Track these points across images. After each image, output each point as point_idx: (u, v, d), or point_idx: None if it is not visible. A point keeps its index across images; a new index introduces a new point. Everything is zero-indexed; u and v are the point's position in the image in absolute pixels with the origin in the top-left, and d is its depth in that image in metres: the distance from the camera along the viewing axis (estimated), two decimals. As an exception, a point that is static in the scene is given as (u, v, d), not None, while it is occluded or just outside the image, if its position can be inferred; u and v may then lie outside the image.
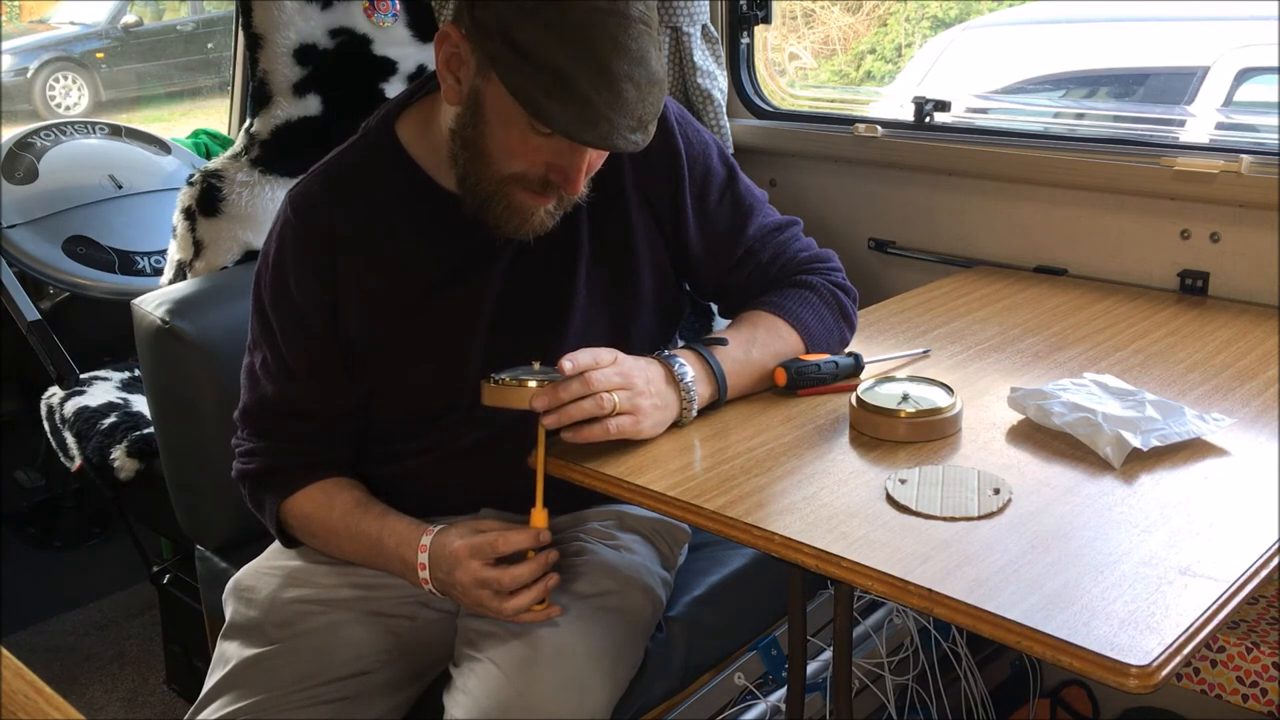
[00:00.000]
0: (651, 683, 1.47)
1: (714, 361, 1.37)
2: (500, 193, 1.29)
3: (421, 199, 1.39)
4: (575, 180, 1.26)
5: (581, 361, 1.26)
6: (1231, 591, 1.00)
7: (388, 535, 1.38)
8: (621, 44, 1.17)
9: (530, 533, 1.30)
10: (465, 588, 1.30)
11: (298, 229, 1.39)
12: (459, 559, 1.30)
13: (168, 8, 8.64)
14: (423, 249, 1.39)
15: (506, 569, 1.28)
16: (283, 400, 1.43)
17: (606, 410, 1.26)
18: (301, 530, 1.46)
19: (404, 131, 1.40)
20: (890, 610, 1.80)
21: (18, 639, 2.60)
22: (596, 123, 1.17)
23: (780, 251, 1.49)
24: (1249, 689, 1.65)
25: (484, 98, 1.24)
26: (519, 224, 1.31)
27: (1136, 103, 2.78)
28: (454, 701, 1.31)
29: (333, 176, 1.41)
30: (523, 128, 1.22)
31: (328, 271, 1.38)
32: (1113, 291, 1.86)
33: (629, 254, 1.44)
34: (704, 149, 1.47)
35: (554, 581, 1.31)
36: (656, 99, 1.22)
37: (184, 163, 2.72)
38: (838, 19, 3.85)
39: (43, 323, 2.31)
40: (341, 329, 1.40)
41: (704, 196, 1.46)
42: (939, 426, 1.30)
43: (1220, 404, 1.37)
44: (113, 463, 2.10)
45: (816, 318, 1.45)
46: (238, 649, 1.41)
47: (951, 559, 1.05)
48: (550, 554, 1.31)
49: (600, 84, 1.16)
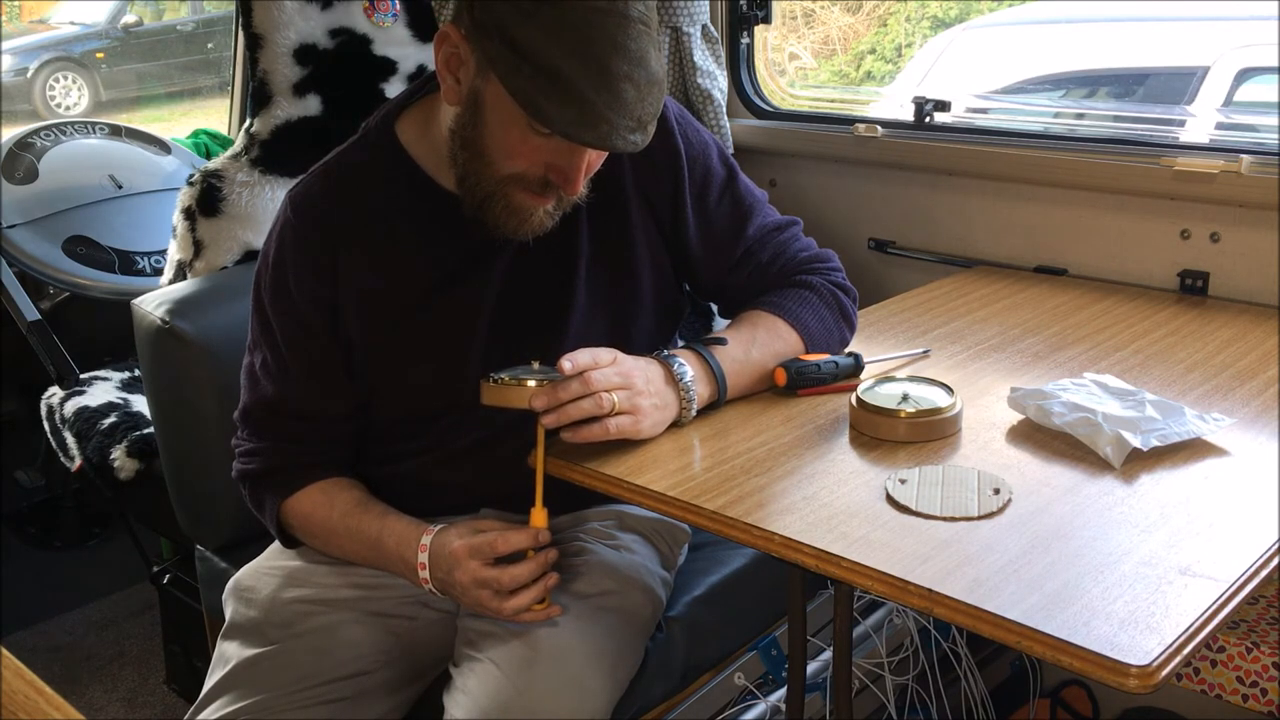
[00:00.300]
0: (651, 683, 1.47)
1: (714, 361, 1.37)
2: (499, 193, 1.29)
3: (421, 199, 1.39)
4: (575, 180, 1.26)
5: (581, 361, 1.26)
6: (1231, 591, 1.00)
7: (387, 535, 1.38)
8: (620, 44, 1.17)
9: (530, 532, 1.30)
10: (465, 587, 1.30)
11: (298, 229, 1.39)
12: (458, 559, 1.30)
13: (168, 8, 8.64)
14: (422, 249, 1.39)
15: (506, 568, 1.28)
16: (283, 400, 1.43)
17: (606, 410, 1.26)
18: (301, 530, 1.46)
19: (404, 132, 1.40)
20: (890, 610, 1.80)
21: (18, 639, 2.60)
22: (596, 123, 1.17)
23: (780, 251, 1.49)
24: (1249, 689, 1.65)
25: (483, 98, 1.24)
26: (518, 224, 1.31)
27: (1136, 103, 2.78)
28: (454, 701, 1.31)
29: (333, 177, 1.41)
30: (522, 128, 1.22)
31: (327, 271, 1.38)
32: (1113, 291, 1.86)
33: (629, 254, 1.44)
34: (704, 149, 1.47)
35: (554, 581, 1.31)
36: (656, 99, 1.22)
37: (184, 163, 2.72)
38: (838, 19, 3.85)
39: (43, 323, 2.31)
40: (341, 329, 1.40)
41: (704, 196, 1.46)
42: (939, 426, 1.30)
43: (1220, 404, 1.37)
44: (113, 463, 2.10)
45: (816, 317, 1.45)
46: (238, 649, 1.41)
47: (951, 559, 1.05)
48: (550, 553, 1.31)
49: (599, 84, 1.16)
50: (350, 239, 1.38)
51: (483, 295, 1.40)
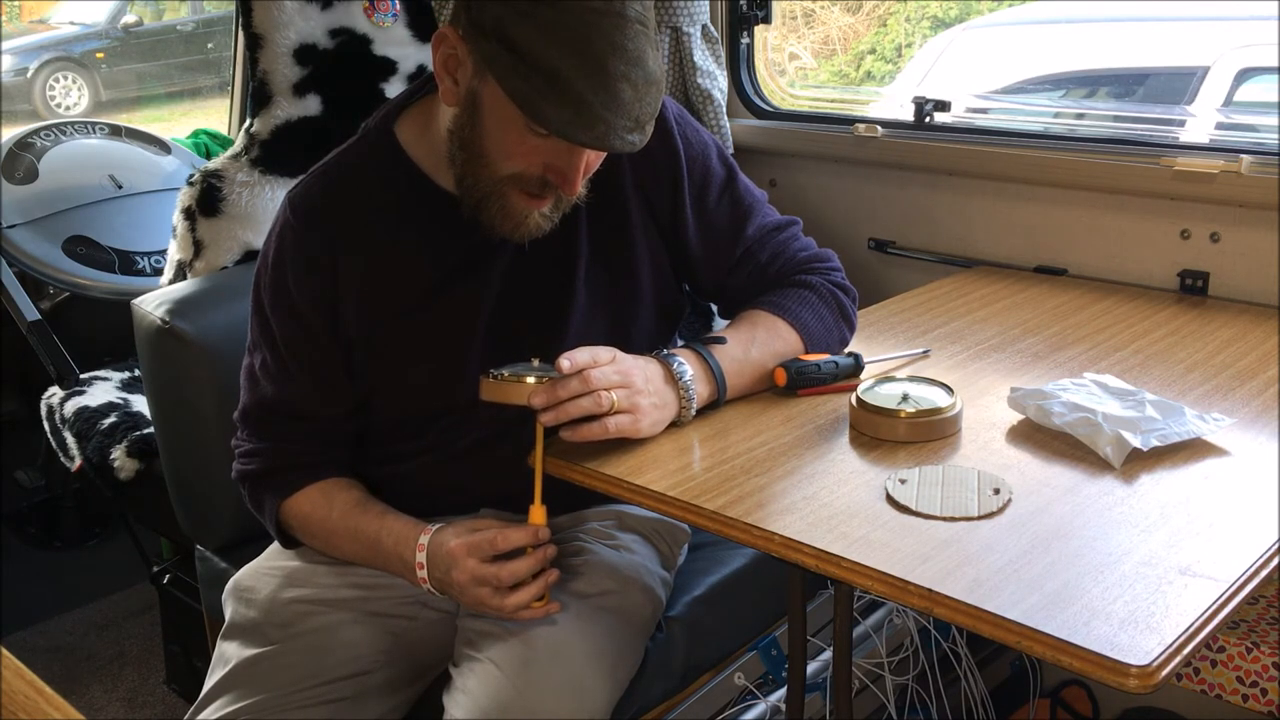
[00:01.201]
0: (651, 683, 1.47)
1: (713, 361, 1.37)
2: (497, 193, 1.29)
3: (420, 200, 1.39)
4: (573, 181, 1.26)
5: (580, 360, 1.26)
6: (1231, 591, 1.00)
7: (386, 535, 1.38)
8: (618, 44, 1.16)
9: (529, 530, 1.30)
10: (463, 586, 1.30)
11: (297, 230, 1.39)
12: (456, 557, 1.30)
13: (168, 8, 8.64)
14: (421, 249, 1.39)
15: (504, 564, 1.28)
16: (282, 401, 1.43)
17: (605, 408, 1.26)
18: (301, 530, 1.46)
19: (403, 132, 1.40)
20: (890, 610, 1.80)
21: (18, 639, 2.60)
22: (593, 124, 1.17)
23: (779, 251, 1.49)
24: (1249, 689, 1.65)
25: (481, 99, 1.24)
26: (514, 226, 1.31)
27: (1136, 103, 2.78)
28: (453, 701, 1.31)
29: (332, 177, 1.41)
30: (520, 129, 1.22)
31: (327, 272, 1.38)
32: (1113, 291, 1.86)
33: (628, 254, 1.44)
34: (703, 149, 1.47)
35: (554, 577, 1.31)
36: (654, 99, 1.22)
37: (184, 163, 2.72)
38: (838, 19, 3.85)
39: (43, 323, 2.31)
40: (341, 330, 1.40)
41: (703, 197, 1.46)
42: (939, 426, 1.30)
43: (1220, 404, 1.37)
44: (113, 463, 2.10)
45: (816, 317, 1.45)
46: (237, 649, 1.41)
47: (951, 559, 1.05)
48: (549, 549, 1.31)
49: (596, 85, 1.16)
50: (349, 240, 1.38)
51: (482, 296, 1.40)
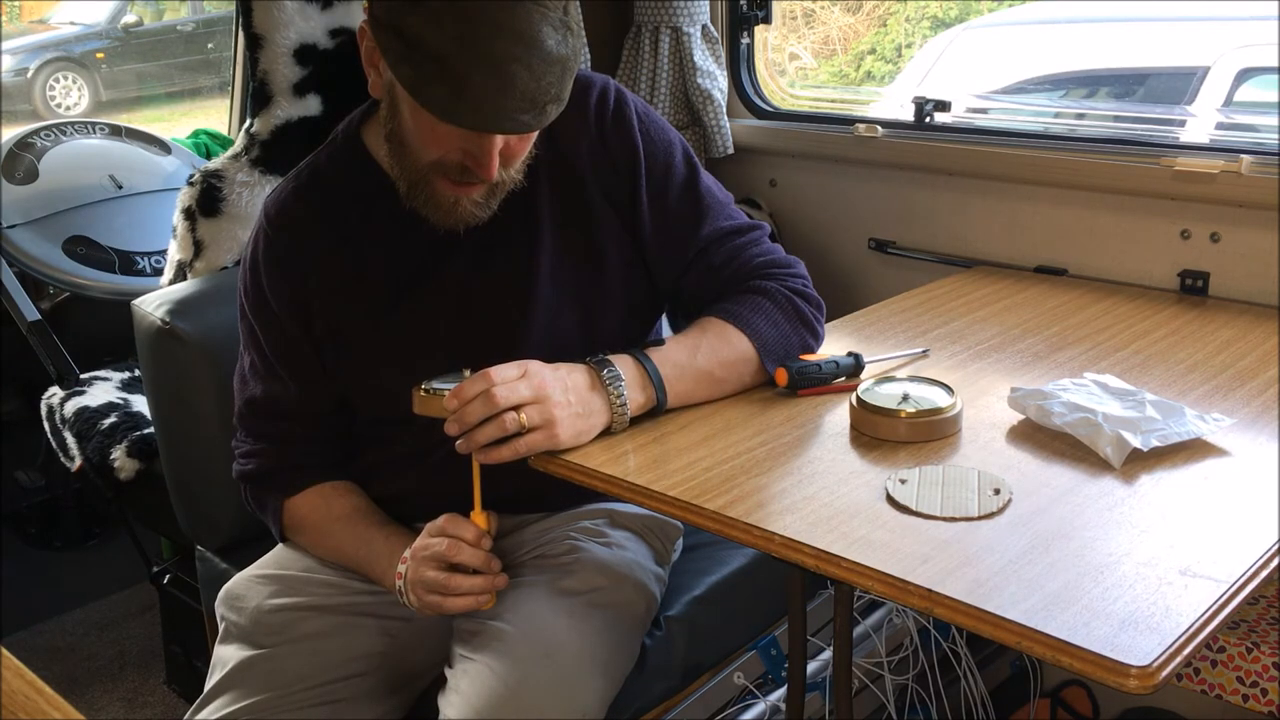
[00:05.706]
0: (651, 682, 1.47)
1: (650, 366, 1.34)
2: (423, 181, 1.29)
3: (382, 200, 1.38)
4: (487, 166, 1.25)
5: (471, 390, 1.24)
6: (1231, 592, 1.00)
7: (376, 549, 1.40)
8: (504, 25, 1.16)
9: (475, 532, 1.31)
10: (412, 584, 1.33)
11: (269, 235, 1.41)
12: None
13: (168, 8, 8.63)
14: (385, 251, 1.40)
15: (453, 575, 1.31)
16: (270, 401, 1.44)
17: (510, 431, 1.24)
18: (297, 534, 1.47)
19: (369, 135, 1.41)
20: (890, 610, 1.80)
21: (18, 639, 2.60)
22: (479, 106, 1.16)
23: (734, 256, 1.44)
24: (1249, 689, 1.65)
25: (396, 90, 1.25)
26: (444, 214, 1.31)
27: (1136, 103, 2.78)
28: (447, 702, 1.31)
29: (303, 182, 1.43)
30: (431, 116, 1.21)
31: (298, 274, 1.39)
32: (1113, 291, 1.85)
33: (594, 251, 1.43)
34: (666, 147, 1.44)
35: (502, 582, 1.33)
36: (556, 77, 1.20)
37: (184, 163, 2.72)
38: (838, 19, 3.84)
39: (43, 323, 2.31)
40: (314, 332, 1.41)
41: (662, 195, 1.43)
42: (939, 426, 1.30)
43: (1220, 404, 1.37)
44: (113, 463, 2.10)
45: (770, 323, 1.41)
46: (235, 652, 1.41)
47: (951, 559, 1.05)
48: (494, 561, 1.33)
49: (483, 68, 1.15)
50: (320, 244, 1.39)
51: (444, 297, 1.39)
